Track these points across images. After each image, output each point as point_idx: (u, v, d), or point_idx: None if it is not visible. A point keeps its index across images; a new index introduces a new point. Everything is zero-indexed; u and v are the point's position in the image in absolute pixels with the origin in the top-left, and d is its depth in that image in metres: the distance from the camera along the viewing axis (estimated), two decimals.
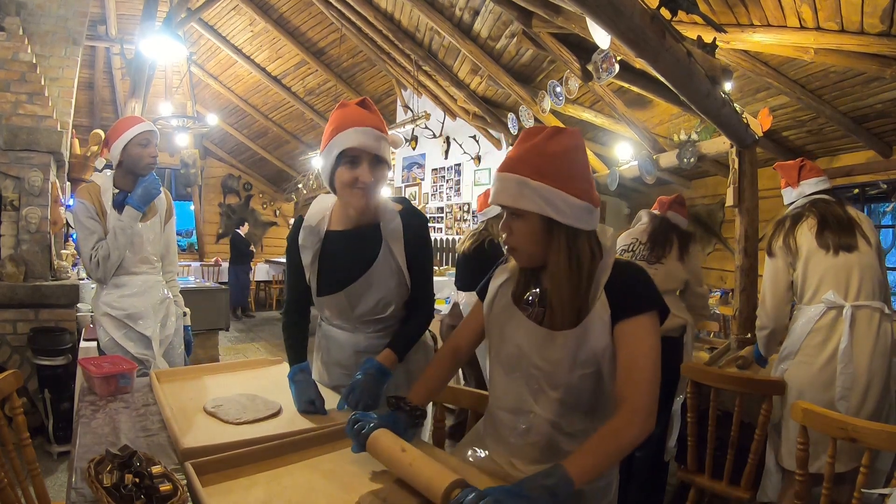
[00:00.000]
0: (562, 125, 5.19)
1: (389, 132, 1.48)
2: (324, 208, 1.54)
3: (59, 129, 3.70)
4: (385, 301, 1.51)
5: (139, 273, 2.22)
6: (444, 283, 5.19)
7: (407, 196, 7.92)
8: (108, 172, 2.21)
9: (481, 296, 1.29)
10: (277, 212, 11.27)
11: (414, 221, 1.52)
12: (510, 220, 1.12)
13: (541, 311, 1.14)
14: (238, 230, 9.09)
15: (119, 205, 2.12)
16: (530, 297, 1.17)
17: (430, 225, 7.45)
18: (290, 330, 1.60)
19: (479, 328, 1.30)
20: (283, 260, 1.72)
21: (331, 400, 1.44)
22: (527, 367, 1.13)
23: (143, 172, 2.16)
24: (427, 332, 1.73)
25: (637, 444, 1.00)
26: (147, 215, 2.23)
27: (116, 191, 2.16)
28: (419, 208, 7.50)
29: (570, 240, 1.08)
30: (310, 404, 1.38)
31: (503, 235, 1.15)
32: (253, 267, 9.45)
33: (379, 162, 1.39)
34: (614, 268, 1.09)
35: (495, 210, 3.20)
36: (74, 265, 4.30)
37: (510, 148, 1.26)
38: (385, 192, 1.58)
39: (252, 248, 9.06)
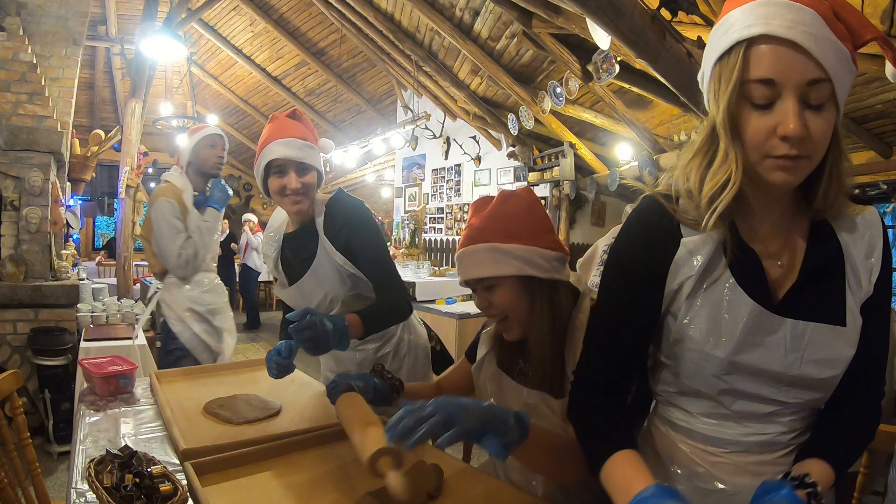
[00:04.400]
0: (558, 132, 5.19)
1: (322, 138, 1.56)
2: (284, 216, 1.63)
3: (59, 129, 3.70)
4: (331, 296, 1.53)
5: (210, 270, 2.35)
6: (444, 284, 5.19)
7: (407, 196, 7.91)
8: (175, 173, 2.27)
9: (470, 359, 1.30)
10: None
11: (339, 209, 1.51)
12: (485, 294, 1.09)
13: (528, 374, 1.13)
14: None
15: (199, 205, 2.24)
16: (519, 369, 1.15)
17: (430, 226, 7.44)
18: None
19: (462, 382, 1.33)
20: None
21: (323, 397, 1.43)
22: None
23: (212, 171, 2.29)
24: (425, 331, 1.72)
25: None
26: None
27: (196, 192, 2.27)
28: (420, 207, 7.53)
29: (552, 293, 1.08)
30: (278, 352, 1.32)
31: (482, 310, 1.11)
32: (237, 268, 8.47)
33: (306, 168, 1.46)
34: None
35: None
36: (74, 265, 4.30)
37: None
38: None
39: (234, 245, 8.17)
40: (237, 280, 8.46)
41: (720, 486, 0.80)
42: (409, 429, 0.79)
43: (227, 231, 8.31)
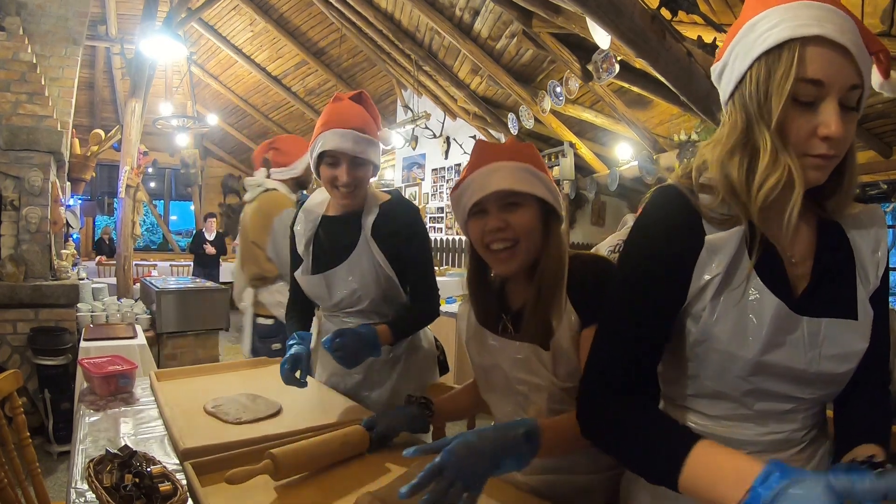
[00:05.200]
0: (563, 126, 5.19)
1: (385, 129, 1.49)
2: (325, 197, 1.57)
3: (59, 128, 3.70)
4: (361, 293, 1.49)
5: None
6: (444, 284, 5.18)
7: (407, 196, 7.91)
8: (272, 181, 2.33)
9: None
10: None
11: (395, 216, 1.48)
12: (502, 214, 1.02)
13: (518, 336, 1.08)
14: (203, 230, 7.78)
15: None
16: (502, 324, 1.11)
17: (430, 225, 7.44)
18: (291, 313, 1.64)
19: None
20: None
21: (323, 395, 1.43)
22: (512, 383, 1.08)
23: (307, 186, 2.47)
24: (433, 339, 1.72)
25: None
26: None
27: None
28: (420, 207, 7.52)
29: (561, 233, 1.06)
30: (293, 366, 1.34)
31: (494, 232, 1.02)
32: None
33: (361, 163, 1.41)
34: (576, 266, 1.03)
35: None
36: (74, 265, 4.30)
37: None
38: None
39: (207, 246, 7.54)
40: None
41: None
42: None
43: (216, 231, 7.93)
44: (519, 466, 0.82)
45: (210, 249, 7.53)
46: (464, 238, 6.84)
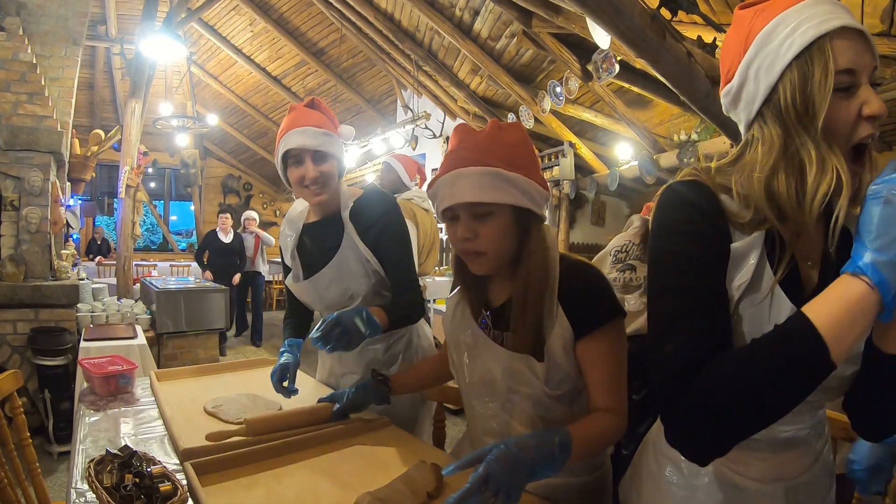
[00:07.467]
0: (563, 125, 5.19)
1: (343, 125, 1.50)
2: (305, 205, 1.60)
3: (59, 129, 3.71)
4: (352, 291, 1.50)
5: None
6: (444, 284, 5.18)
7: None
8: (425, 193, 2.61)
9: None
10: (277, 212, 11.28)
11: (368, 207, 1.49)
12: (473, 223, 1.00)
13: (498, 333, 1.07)
14: (218, 230, 6.09)
15: None
16: (484, 320, 1.10)
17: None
18: (288, 319, 1.65)
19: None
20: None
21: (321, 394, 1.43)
22: (502, 392, 1.07)
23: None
24: (431, 337, 1.72)
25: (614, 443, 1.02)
26: None
27: None
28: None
29: (543, 232, 1.03)
30: (281, 376, 1.36)
31: (462, 241, 1.02)
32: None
33: (324, 157, 1.42)
34: (567, 273, 1.01)
35: None
36: (74, 265, 4.30)
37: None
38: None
39: (206, 274, 5.94)
40: (237, 287, 6.32)
41: (748, 486, 0.81)
42: None
43: (232, 231, 6.62)
44: (552, 473, 0.84)
45: (208, 276, 5.82)
46: None
